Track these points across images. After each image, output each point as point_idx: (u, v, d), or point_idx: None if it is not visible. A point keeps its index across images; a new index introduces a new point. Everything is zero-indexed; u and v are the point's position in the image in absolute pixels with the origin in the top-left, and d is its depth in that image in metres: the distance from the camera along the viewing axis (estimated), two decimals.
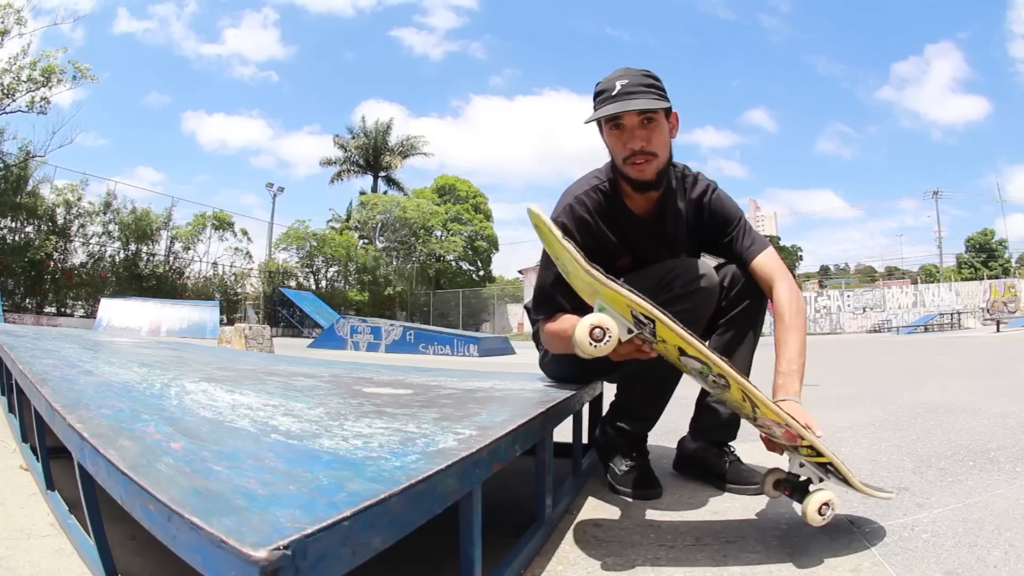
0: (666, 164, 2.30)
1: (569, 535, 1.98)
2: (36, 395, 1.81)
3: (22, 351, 3.02)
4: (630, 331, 1.82)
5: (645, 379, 2.39)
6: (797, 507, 1.84)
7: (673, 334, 1.71)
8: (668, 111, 2.24)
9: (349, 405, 1.96)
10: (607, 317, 1.79)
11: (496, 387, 2.54)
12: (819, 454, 1.81)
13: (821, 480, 1.85)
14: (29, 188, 28.58)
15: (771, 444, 1.95)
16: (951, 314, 36.79)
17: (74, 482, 1.43)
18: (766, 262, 2.37)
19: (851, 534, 1.91)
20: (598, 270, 1.74)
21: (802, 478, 1.89)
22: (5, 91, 27.34)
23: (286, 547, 0.75)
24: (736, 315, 2.43)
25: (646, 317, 1.72)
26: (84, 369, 2.53)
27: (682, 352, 1.78)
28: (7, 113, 27.86)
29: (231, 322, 30.75)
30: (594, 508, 2.27)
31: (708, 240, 2.49)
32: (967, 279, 49.45)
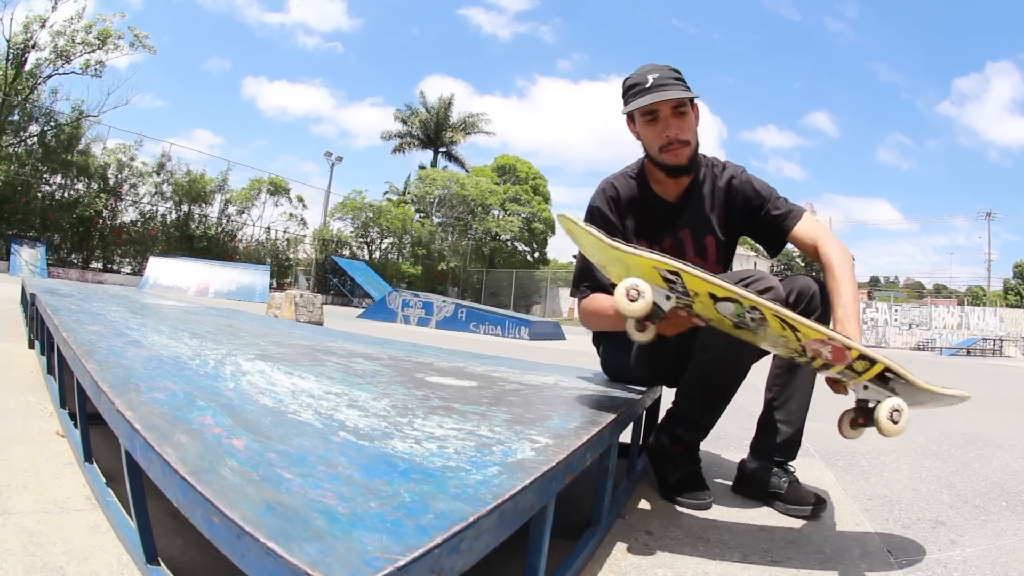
0: (696, 150, 2.43)
1: (621, 541, 1.95)
2: (80, 369, 1.74)
3: (66, 314, 2.97)
4: (667, 297, 1.84)
5: (703, 385, 2.35)
6: (883, 419, 1.76)
7: (699, 280, 1.72)
8: (693, 101, 2.37)
9: (415, 398, 1.90)
10: (640, 280, 1.79)
11: (560, 384, 2.48)
12: (874, 362, 1.77)
13: (888, 397, 1.79)
14: (81, 147, 28.99)
15: (834, 384, 1.93)
16: (994, 340, 36.20)
17: (113, 452, 1.35)
18: (808, 228, 2.44)
19: (889, 565, 1.91)
20: (620, 242, 1.80)
21: (871, 404, 1.84)
22: (59, 53, 27.76)
23: None
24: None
25: (671, 273, 1.75)
26: (132, 339, 2.46)
27: (715, 299, 1.76)
28: (61, 74, 28.30)
29: (281, 287, 31.24)
30: (645, 514, 2.25)
31: (743, 221, 2.55)
32: (1012, 306, 48.82)
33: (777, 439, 2.43)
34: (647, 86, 2.27)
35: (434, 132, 53.70)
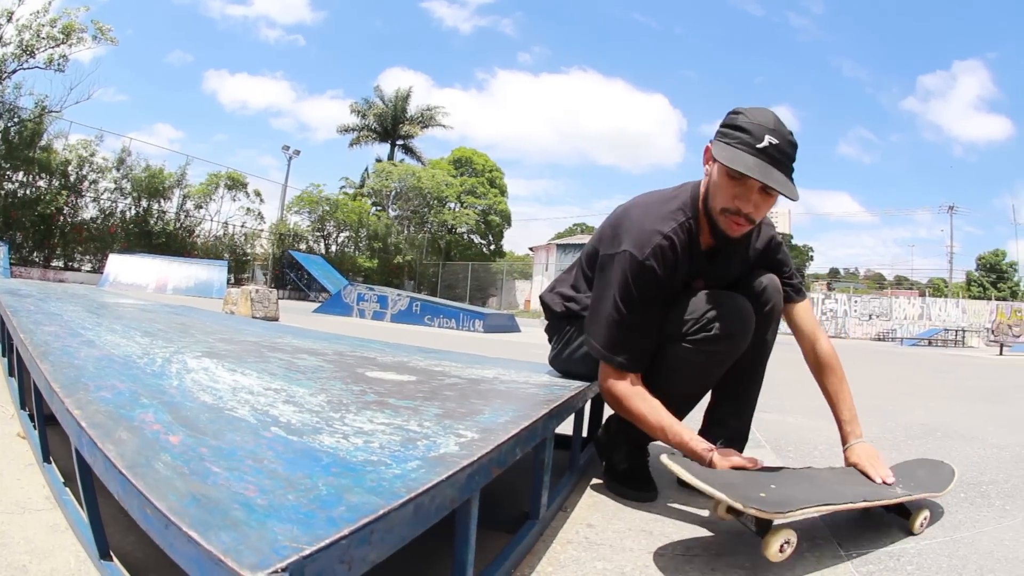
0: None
1: (561, 534, 1.96)
2: (36, 370, 1.80)
3: (24, 316, 3.00)
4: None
5: (670, 395, 2.25)
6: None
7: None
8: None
9: (352, 393, 1.93)
10: (791, 533, 1.76)
11: (500, 378, 2.51)
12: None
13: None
14: (43, 143, 28.60)
15: None
16: (956, 331, 36.33)
17: (70, 452, 1.41)
18: (808, 314, 2.54)
19: (838, 557, 1.91)
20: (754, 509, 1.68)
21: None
22: (24, 48, 27.34)
23: (284, 569, 0.74)
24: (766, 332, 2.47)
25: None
26: (86, 339, 2.50)
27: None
28: (25, 69, 27.87)
29: (239, 282, 30.94)
30: (588, 506, 2.25)
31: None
32: (975, 297, 49.04)
33: (726, 432, 2.46)
34: (757, 147, 2.01)
35: (391, 125, 53.19)
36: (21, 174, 27.99)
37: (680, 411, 2.35)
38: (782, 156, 2.03)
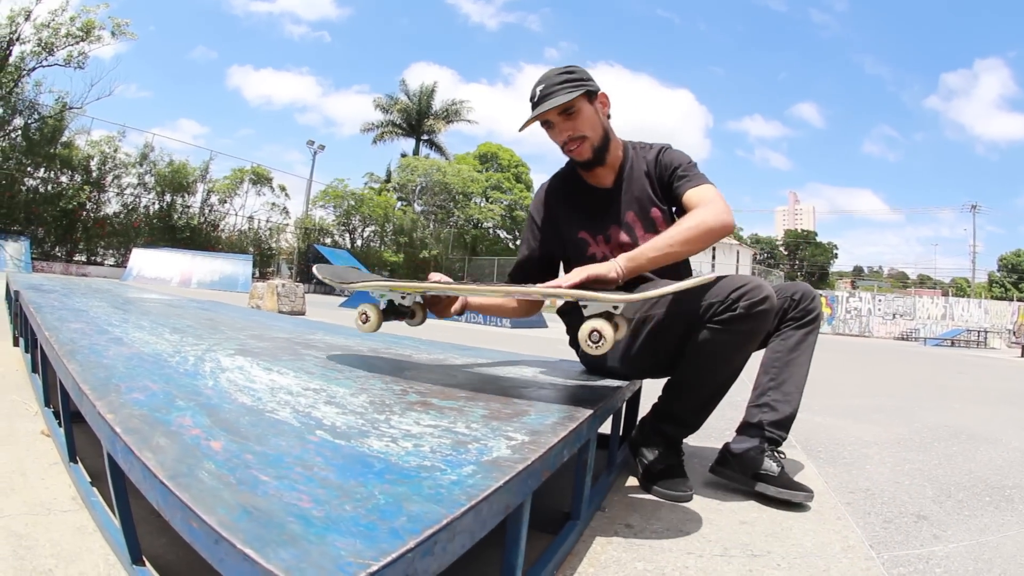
0: (602, 140, 2.48)
1: (601, 534, 1.95)
2: (63, 369, 1.75)
3: (48, 312, 2.97)
4: (403, 296, 2.37)
5: (696, 386, 2.35)
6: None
7: (386, 286, 2.32)
8: (592, 95, 2.43)
9: (393, 392, 1.89)
10: (364, 306, 2.36)
11: (540, 377, 2.47)
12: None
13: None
14: (64, 139, 28.81)
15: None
16: (978, 331, 36.12)
17: (97, 450, 1.35)
18: (699, 194, 2.40)
19: (870, 560, 1.91)
20: (369, 279, 2.38)
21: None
22: (43, 46, 27.58)
23: None
24: (802, 323, 2.46)
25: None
26: (114, 336, 2.45)
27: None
28: (45, 66, 28.11)
29: (264, 276, 31.16)
30: (626, 506, 2.24)
31: (666, 191, 2.56)
32: (997, 298, 48.88)
33: (772, 415, 2.42)
34: (535, 100, 2.38)
35: (416, 120, 53.38)
36: (42, 170, 28.17)
37: (713, 399, 2.38)
38: (553, 89, 2.36)
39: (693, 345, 2.26)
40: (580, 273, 2.08)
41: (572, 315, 2.66)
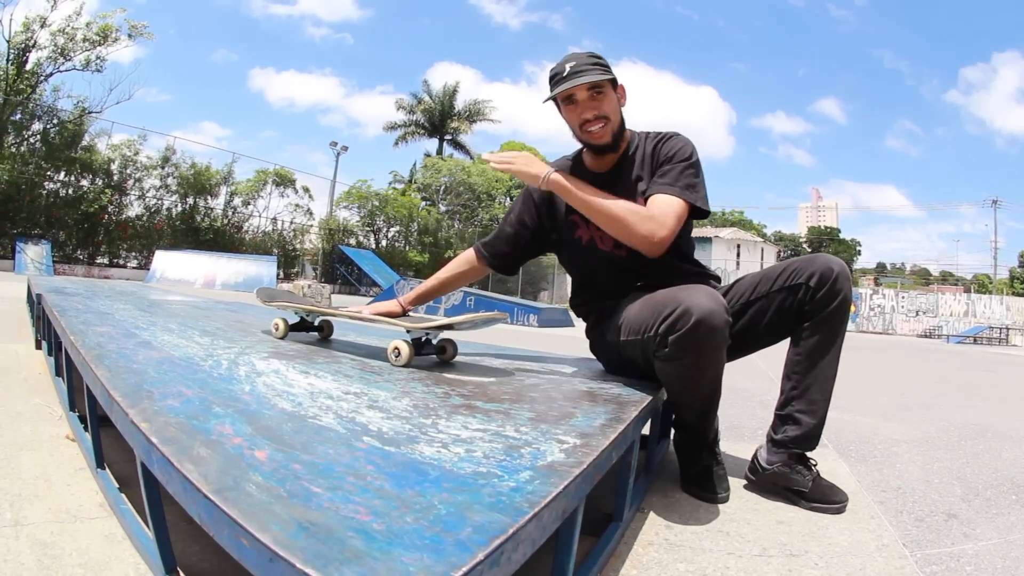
0: (619, 127, 2.49)
1: (642, 535, 1.94)
2: (91, 375, 1.70)
3: (73, 315, 2.92)
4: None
5: (679, 405, 2.34)
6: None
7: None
8: (614, 83, 2.45)
9: (436, 396, 1.84)
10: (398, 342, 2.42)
11: (578, 377, 2.44)
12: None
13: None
14: (84, 143, 29.04)
15: None
16: (1000, 328, 35.89)
17: (124, 456, 1.30)
18: (655, 201, 2.37)
19: (903, 558, 1.92)
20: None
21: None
22: (60, 51, 27.81)
23: None
24: (822, 319, 2.29)
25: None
26: (142, 340, 2.41)
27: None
28: (62, 72, 28.34)
29: (288, 277, 31.35)
30: (665, 507, 2.22)
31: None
32: (1018, 294, 48.56)
33: (797, 431, 2.33)
34: (564, 74, 2.38)
35: (439, 120, 53.51)
36: (63, 174, 28.39)
37: (705, 411, 2.31)
38: (585, 67, 2.37)
39: (658, 373, 2.22)
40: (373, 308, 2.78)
41: (578, 313, 2.79)
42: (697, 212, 2.40)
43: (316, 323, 3.05)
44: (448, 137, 54.69)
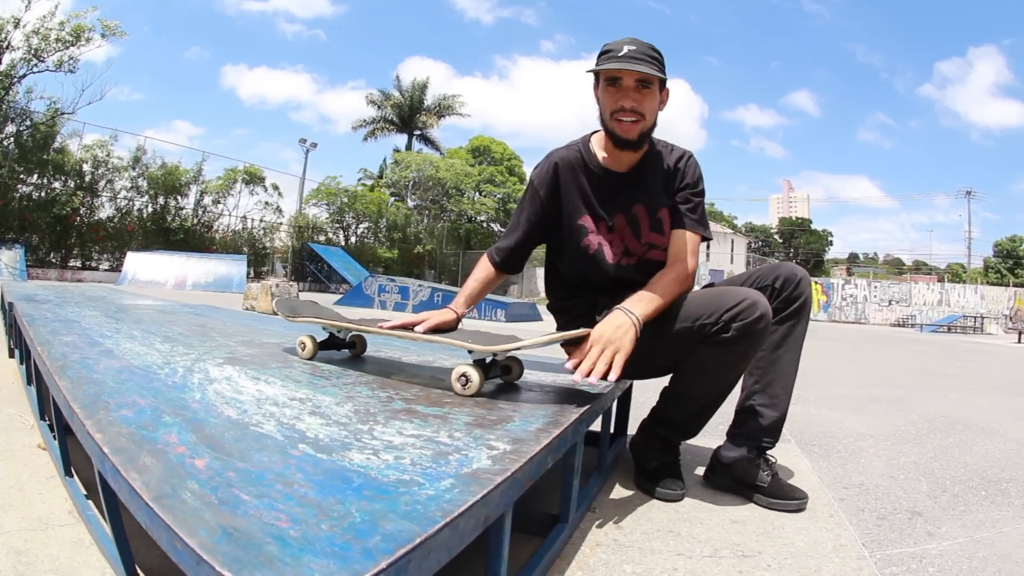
0: (650, 128, 2.41)
1: (590, 536, 1.96)
2: (54, 386, 1.77)
3: (41, 325, 2.98)
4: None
5: (694, 397, 2.38)
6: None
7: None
8: (663, 83, 2.37)
9: (379, 400, 1.89)
10: (467, 368, 2.09)
11: (528, 379, 2.46)
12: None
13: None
14: (57, 145, 28.70)
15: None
16: (975, 317, 35.88)
17: (91, 463, 1.38)
18: (683, 244, 2.45)
19: (862, 559, 1.91)
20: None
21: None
22: (34, 53, 27.45)
23: None
24: (785, 316, 2.41)
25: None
26: (105, 348, 2.46)
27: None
28: (35, 73, 28.00)
29: (258, 275, 31.05)
30: (616, 507, 2.25)
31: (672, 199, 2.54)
32: (992, 283, 48.80)
33: (760, 422, 2.40)
34: (620, 55, 2.26)
35: (408, 116, 52.99)
36: (35, 176, 28.07)
37: (708, 408, 2.40)
38: (642, 56, 2.27)
39: (687, 361, 2.28)
40: (427, 319, 2.36)
41: (564, 314, 2.69)
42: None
43: (348, 339, 2.75)
44: (417, 132, 54.11)
